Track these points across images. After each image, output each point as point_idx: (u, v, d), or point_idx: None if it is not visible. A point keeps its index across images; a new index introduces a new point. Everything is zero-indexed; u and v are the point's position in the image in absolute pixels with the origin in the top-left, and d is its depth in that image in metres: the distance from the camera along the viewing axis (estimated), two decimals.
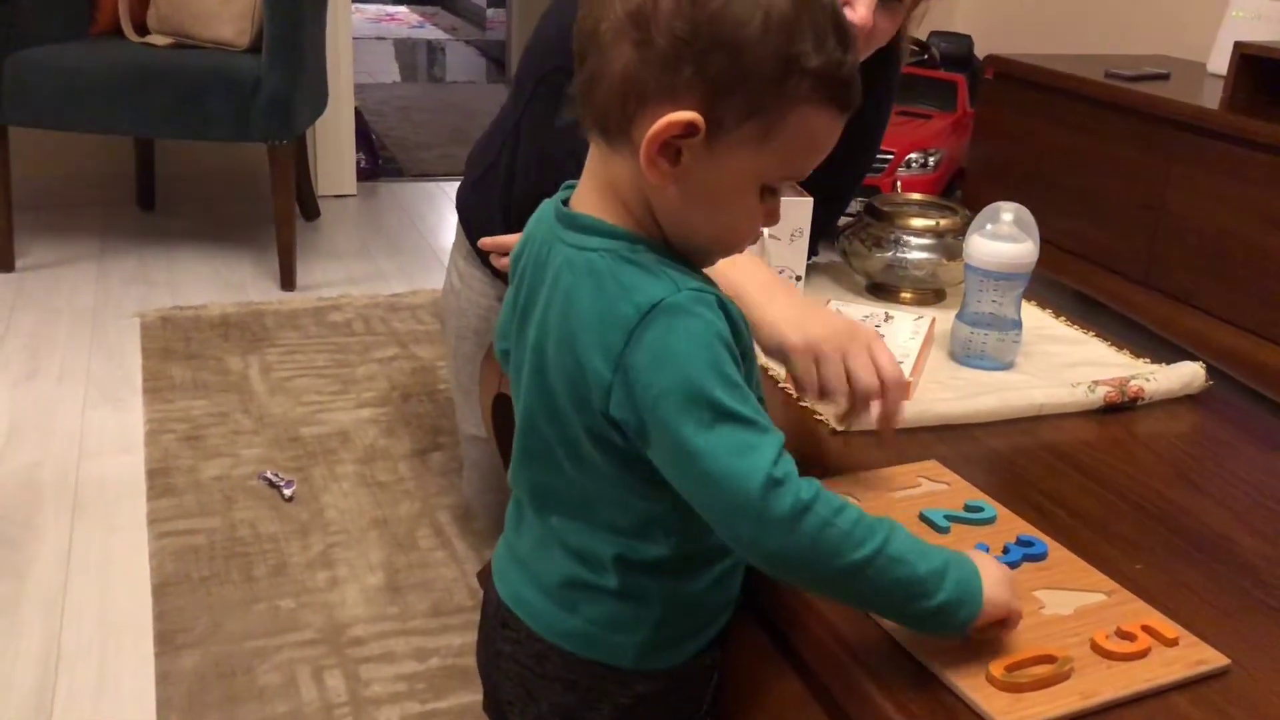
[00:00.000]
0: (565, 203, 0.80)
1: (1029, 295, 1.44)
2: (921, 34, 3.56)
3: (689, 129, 0.71)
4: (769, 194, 0.76)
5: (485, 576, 1.54)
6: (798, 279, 1.30)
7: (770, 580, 0.89)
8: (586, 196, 0.79)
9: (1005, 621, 0.78)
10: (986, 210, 1.24)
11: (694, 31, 0.69)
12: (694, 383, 0.71)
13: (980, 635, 0.78)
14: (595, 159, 0.78)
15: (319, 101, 3.01)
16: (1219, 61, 2.65)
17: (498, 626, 0.91)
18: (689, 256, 0.78)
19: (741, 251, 0.81)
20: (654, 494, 0.78)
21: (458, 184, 1.63)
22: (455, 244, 1.66)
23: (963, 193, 3.12)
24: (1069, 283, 2.79)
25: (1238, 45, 2.47)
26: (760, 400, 0.78)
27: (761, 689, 0.91)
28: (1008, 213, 1.22)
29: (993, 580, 0.77)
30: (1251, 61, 2.45)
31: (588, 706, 0.87)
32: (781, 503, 0.70)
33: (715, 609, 0.88)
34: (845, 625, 0.82)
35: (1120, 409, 1.19)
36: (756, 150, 0.72)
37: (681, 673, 0.88)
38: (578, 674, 0.86)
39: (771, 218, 0.78)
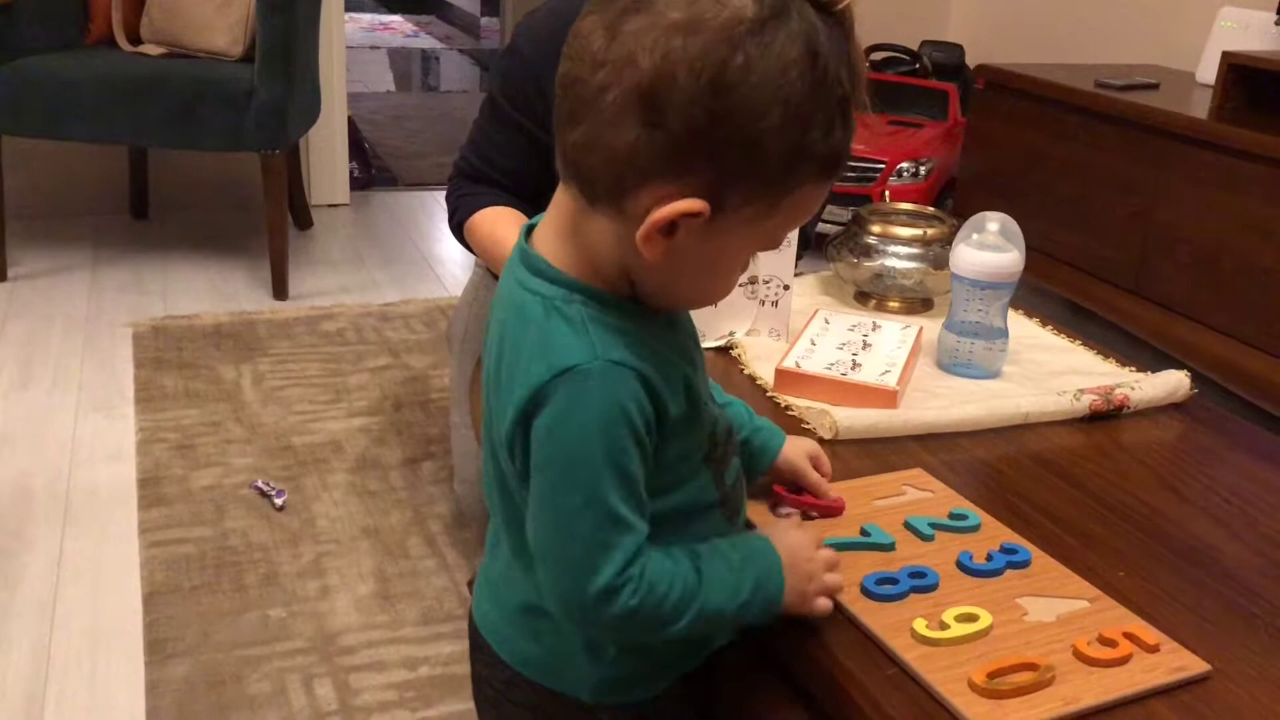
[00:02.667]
0: (530, 232, 0.80)
1: (1017, 304, 1.45)
2: (913, 43, 3.58)
3: (693, 217, 0.69)
4: (752, 254, 0.78)
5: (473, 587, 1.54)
6: (785, 288, 1.30)
7: None
8: (545, 235, 0.77)
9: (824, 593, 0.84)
10: (972, 220, 1.25)
11: (712, 122, 0.67)
12: (578, 464, 0.71)
13: (815, 610, 0.84)
14: (566, 206, 0.75)
15: (312, 111, 3.02)
16: (1208, 71, 2.66)
17: (474, 649, 0.91)
18: (653, 303, 0.77)
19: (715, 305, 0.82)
20: None
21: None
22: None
23: (954, 202, 3.13)
24: (1060, 291, 2.80)
25: (1226, 55, 2.49)
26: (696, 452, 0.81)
27: (744, 690, 0.91)
28: (993, 222, 1.23)
29: (789, 553, 0.82)
30: (1240, 71, 2.46)
31: None
32: (610, 609, 0.73)
33: (674, 652, 0.85)
34: (830, 631, 0.83)
35: (1106, 417, 1.20)
36: (754, 228, 0.72)
37: (648, 708, 0.86)
38: (543, 702, 0.85)
39: (745, 268, 0.78)
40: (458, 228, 1.50)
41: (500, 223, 1.43)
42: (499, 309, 0.79)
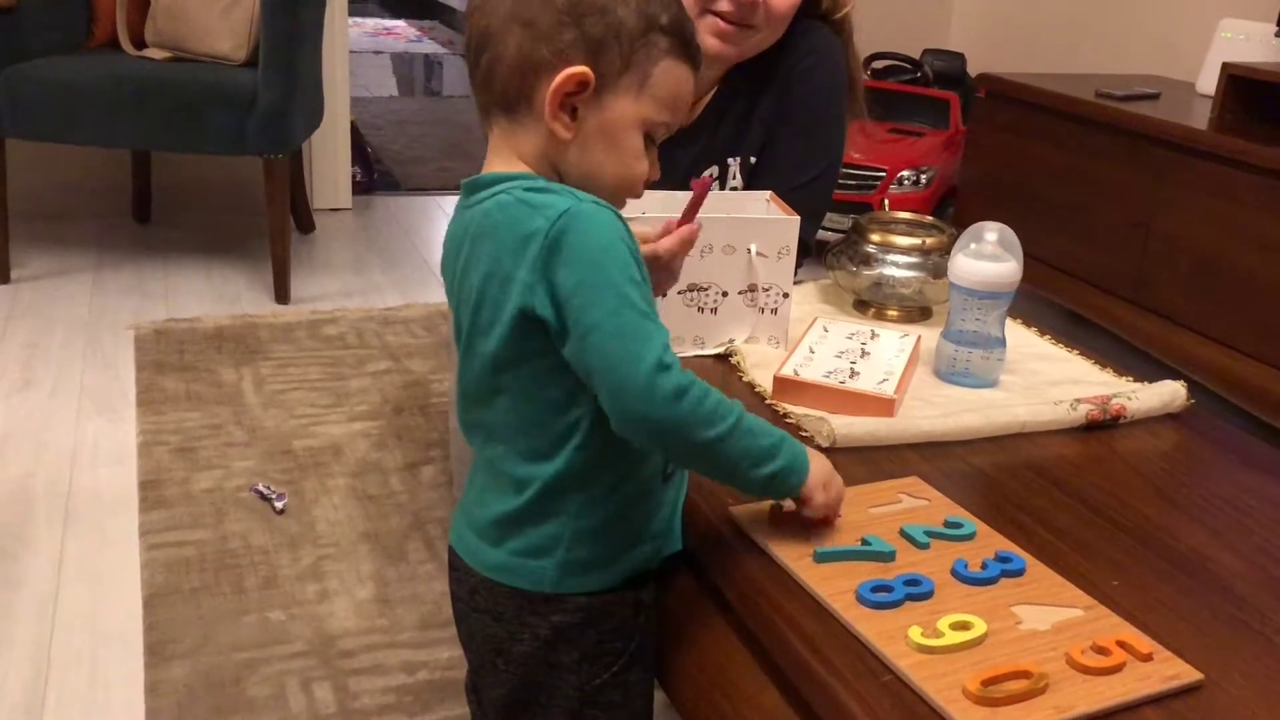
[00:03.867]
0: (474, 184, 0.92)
1: (1015, 313, 1.46)
2: (914, 52, 3.59)
3: (581, 84, 0.86)
4: (650, 143, 0.92)
5: None
6: (785, 296, 1.31)
7: (744, 594, 0.90)
8: (495, 163, 0.92)
9: (827, 508, 0.93)
10: (970, 230, 1.25)
11: (572, 3, 0.86)
12: (604, 273, 0.83)
13: (810, 513, 0.93)
14: (498, 137, 0.92)
15: (315, 115, 3.03)
16: (1208, 82, 2.67)
17: (450, 570, 1.01)
18: (596, 194, 0.90)
19: (639, 195, 0.94)
20: (570, 407, 0.88)
21: (455, 199, 1.66)
22: None
23: (955, 210, 3.13)
24: (1059, 300, 2.80)
25: (1226, 66, 2.49)
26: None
27: (738, 696, 0.92)
28: (991, 232, 1.23)
29: (818, 462, 0.93)
30: (1239, 82, 2.47)
31: (512, 638, 0.94)
32: (667, 382, 0.82)
33: (626, 537, 0.94)
34: (825, 641, 0.83)
35: (1102, 427, 1.20)
36: (636, 98, 0.89)
37: (599, 604, 0.94)
38: (502, 605, 0.94)
39: (655, 170, 0.93)
40: None
41: None
42: (460, 232, 0.92)
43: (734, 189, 1.61)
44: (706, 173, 1.59)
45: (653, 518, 0.97)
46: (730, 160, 1.61)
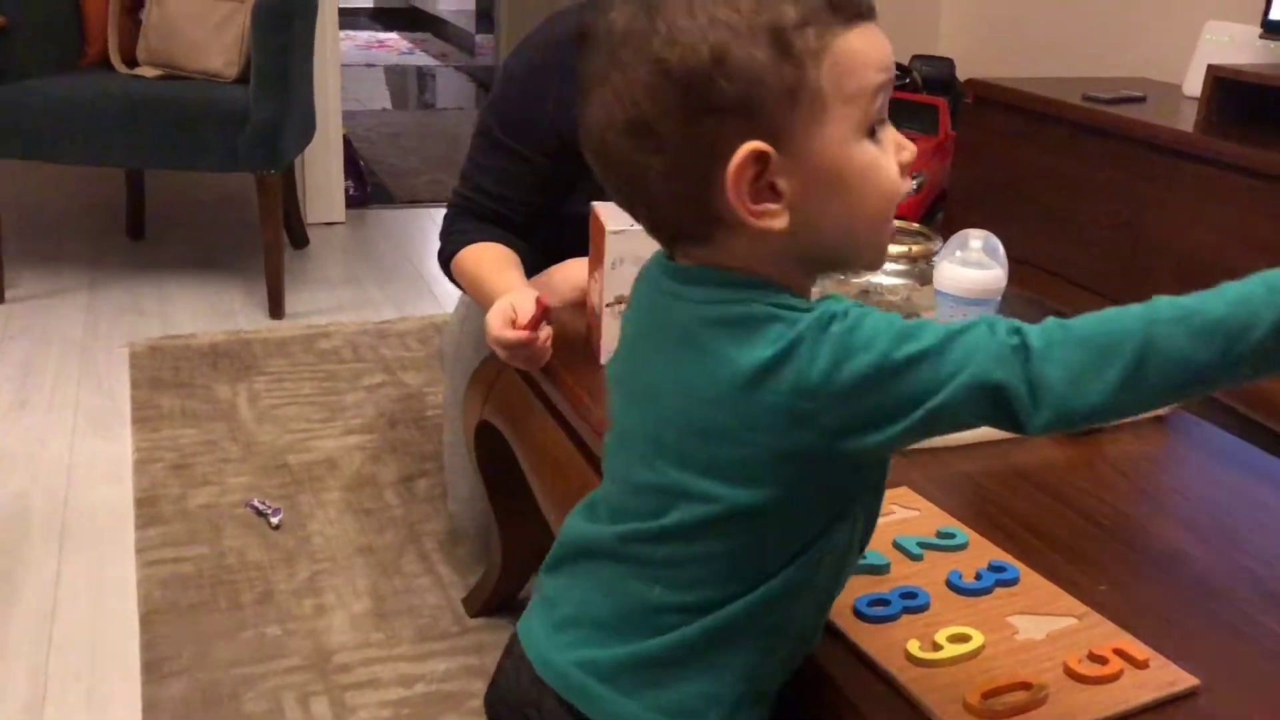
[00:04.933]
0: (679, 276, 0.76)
1: (1006, 317, 1.47)
2: (903, 58, 3.61)
3: (759, 161, 0.67)
4: (880, 129, 0.71)
5: (473, 604, 1.55)
6: None
7: None
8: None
9: None
10: (955, 237, 1.26)
11: (684, 94, 0.66)
12: (877, 333, 0.67)
13: None
14: (700, 258, 0.74)
15: (307, 130, 3.04)
16: (1194, 84, 2.68)
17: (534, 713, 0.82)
18: (864, 262, 0.75)
19: (905, 195, 0.74)
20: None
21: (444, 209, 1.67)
22: None
23: (945, 215, 3.15)
24: (1049, 303, 2.81)
25: (1211, 68, 2.51)
26: None
27: None
28: (976, 239, 1.25)
29: None
30: (1225, 84, 2.49)
31: None
32: (1025, 337, 0.68)
33: (788, 664, 0.82)
34: (822, 654, 0.84)
35: (1089, 431, 1.21)
36: (824, 119, 0.68)
37: None
38: None
39: (903, 151, 0.72)
40: (445, 263, 1.52)
41: (485, 262, 1.45)
42: (657, 337, 0.76)
43: None
44: None
45: (818, 638, 0.83)
46: None
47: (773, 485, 0.71)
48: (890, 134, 0.72)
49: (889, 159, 0.71)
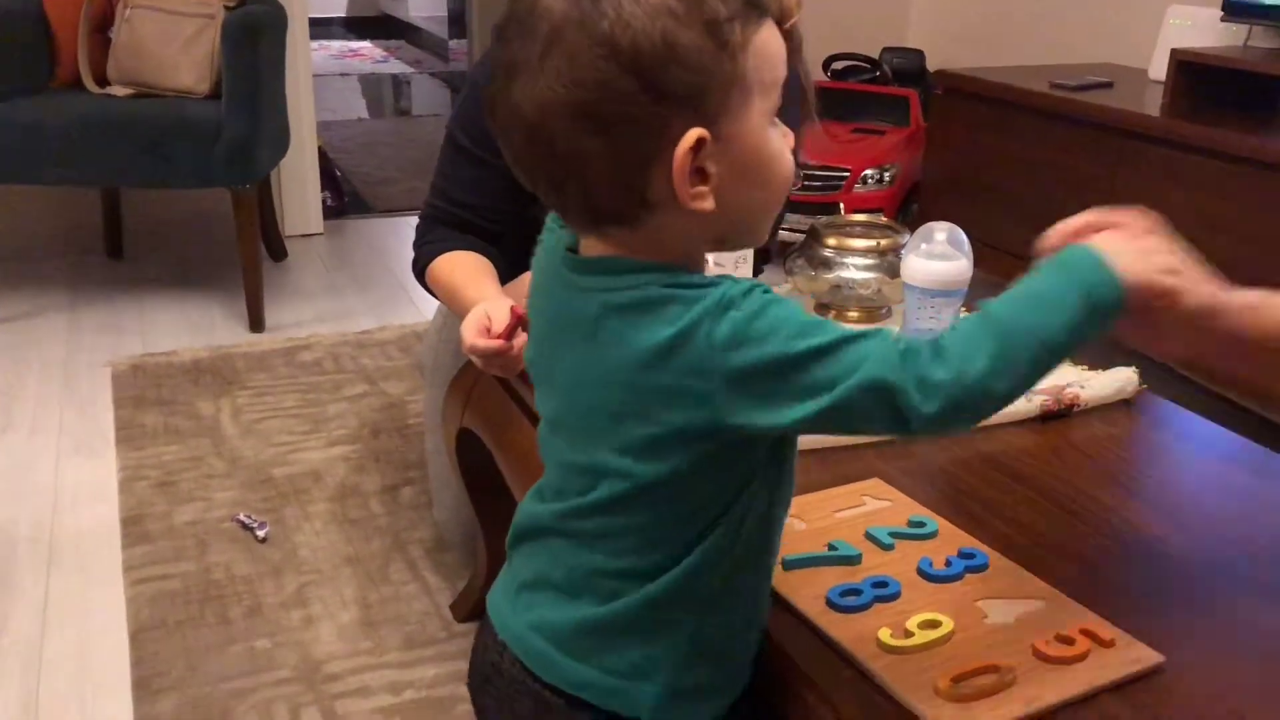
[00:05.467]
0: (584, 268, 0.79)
1: (973, 306, 1.48)
2: (873, 51, 3.63)
3: (700, 144, 0.70)
4: (774, 124, 0.76)
5: (460, 609, 1.56)
6: None
7: None
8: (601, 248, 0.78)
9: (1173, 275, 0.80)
10: (920, 231, 1.28)
11: (636, 78, 0.69)
12: (782, 321, 0.70)
13: (1160, 301, 0.80)
14: (614, 241, 0.76)
15: (281, 143, 3.05)
16: (1159, 68, 2.72)
17: (482, 680, 0.88)
18: (753, 240, 0.80)
19: (789, 193, 0.79)
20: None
21: None
22: None
23: (918, 206, 3.17)
24: None
25: (1175, 52, 2.54)
26: None
27: None
28: (940, 232, 1.26)
29: (1120, 249, 0.78)
30: (1188, 67, 2.52)
31: None
32: (920, 354, 0.71)
33: (744, 647, 0.85)
34: (794, 645, 0.85)
35: (1057, 416, 1.23)
36: (747, 107, 0.73)
37: None
38: None
39: (788, 138, 0.77)
40: (419, 273, 1.53)
41: (458, 271, 1.45)
42: (564, 329, 0.79)
43: None
44: None
45: (764, 608, 0.87)
46: None
47: (677, 460, 0.74)
48: (780, 125, 0.77)
49: (785, 150, 0.77)
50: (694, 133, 0.70)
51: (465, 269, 1.45)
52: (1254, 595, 0.93)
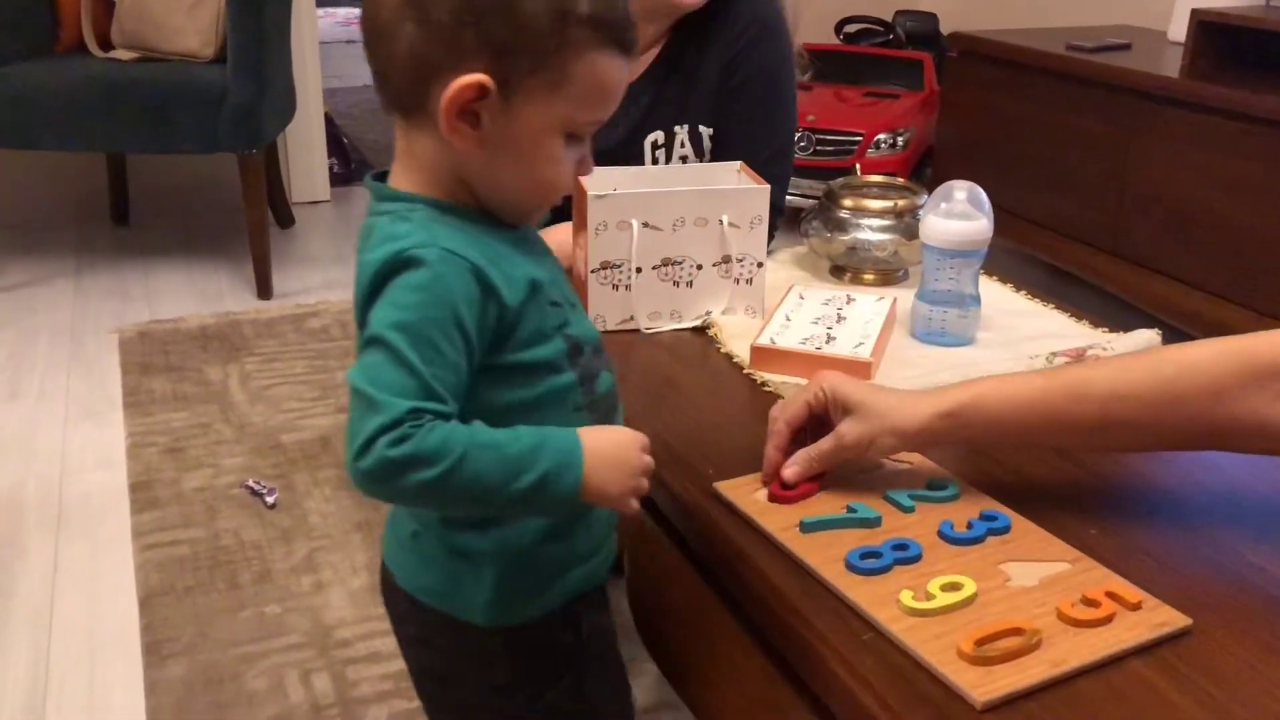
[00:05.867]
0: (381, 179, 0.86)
1: (994, 269, 1.46)
2: (886, 14, 3.58)
3: (481, 91, 0.76)
4: (575, 142, 0.82)
5: None
6: (759, 265, 1.31)
7: (733, 568, 0.91)
8: (393, 171, 0.85)
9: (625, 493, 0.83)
10: (940, 190, 1.25)
11: (470, 4, 0.74)
12: (399, 328, 0.75)
13: (611, 506, 0.85)
14: (400, 138, 0.83)
15: (287, 108, 3.02)
16: (1178, 29, 2.67)
17: (384, 589, 0.96)
18: (511, 216, 0.84)
19: (558, 202, 0.85)
20: None
21: None
22: None
23: (932, 170, 3.14)
24: (1038, 254, 2.81)
25: (1195, 13, 2.49)
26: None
27: (727, 661, 0.93)
28: (960, 191, 1.24)
29: (598, 440, 0.82)
30: (1209, 28, 2.47)
31: (447, 664, 0.92)
32: (378, 452, 0.74)
33: (555, 564, 0.90)
34: (813, 608, 0.84)
35: None
36: (549, 101, 0.78)
37: (534, 633, 0.90)
38: (430, 630, 0.90)
39: (584, 167, 0.83)
40: None
41: None
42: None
43: (682, 158, 1.61)
44: (649, 139, 1.60)
45: (580, 539, 0.92)
46: (676, 128, 1.60)
47: None
48: (583, 150, 0.83)
49: (568, 164, 0.82)
50: (477, 77, 0.75)
51: None
52: (1278, 556, 0.91)
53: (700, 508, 0.97)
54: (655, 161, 1.60)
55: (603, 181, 1.28)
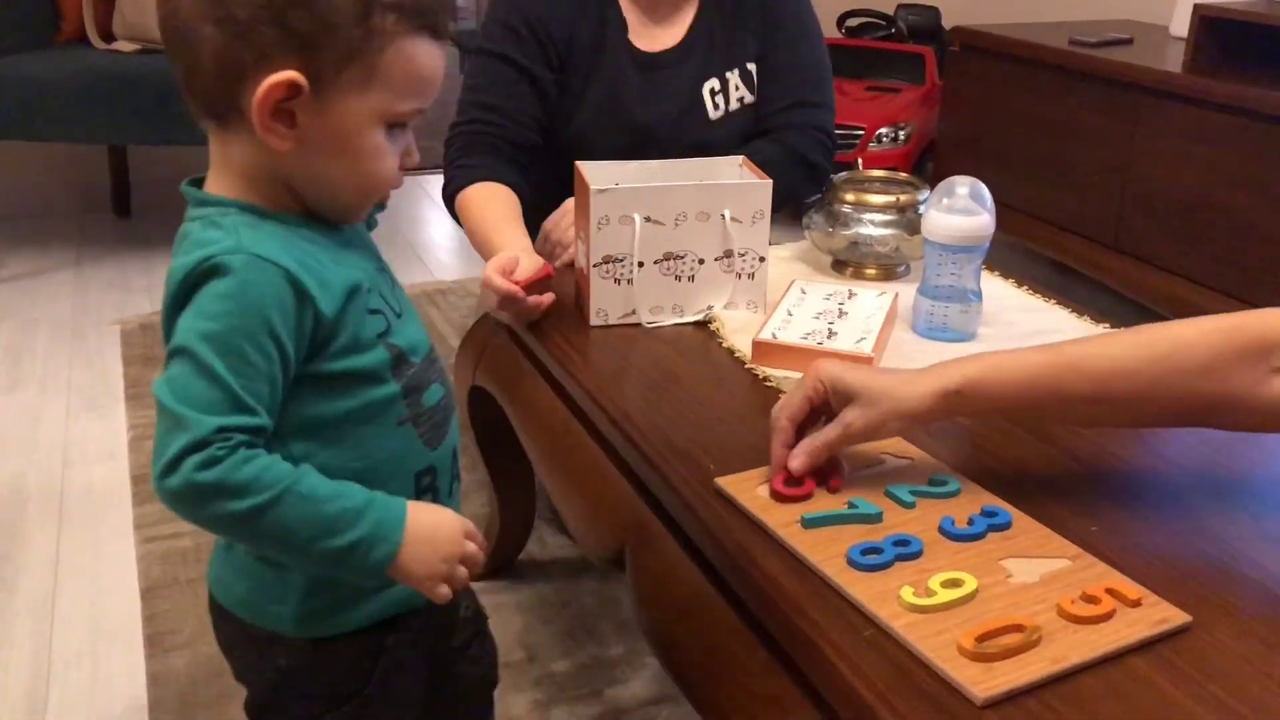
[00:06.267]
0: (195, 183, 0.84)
1: (996, 265, 1.46)
2: (888, 7, 3.57)
3: (292, 89, 0.74)
4: (398, 131, 0.80)
5: None
6: (761, 260, 1.31)
7: (734, 563, 0.91)
8: (211, 180, 0.82)
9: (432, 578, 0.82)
10: (941, 185, 1.25)
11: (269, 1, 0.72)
12: (205, 338, 0.74)
13: (422, 590, 0.83)
14: (214, 144, 0.81)
15: None
16: (1180, 25, 2.67)
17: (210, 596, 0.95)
18: (338, 215, 0.83)
19: (386, 195, 0.84)
20: None
21: (436, 177, 1.68)
22: None
23: (934, 165, 3.13)
24: (1041, 249, 2.81)
25: (1197, 8, 2.49)
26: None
27: (728, 656, 0.93)
28: (962, 186, 1.24)
29: (425, 519, 0.81)
30: (1211, 23, 2.47)
31: (245, 670, 0.92)
32: (181, 474, 0.74)
33: (360, 588, 0.88)
34: (814, 604, 0.84)
35: None
36: (364, 92, 0.76)
37: (328, 650, 0.89)
38: (233, 638, 0.91)
39: (409, 156, 0.82)
40: (450, 198, 1.52)
41: (490, 209, 1.45)
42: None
43: (740, 100, 1.65)
44: (706, 86, 1.63)
45: None
46: (729, 73, 1.64)
47: None
48: (406, 140, 0.81)
49: (392, 156, 0.81)
50: (287, 74, 0.73)
51: (497, 209, 1.44)
52: (1279, 553, 0.91)
53: (701, 502, 0.97)
54: (716, 107, 1.64)
55: (605, 176, 1.28)
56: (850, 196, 1.46)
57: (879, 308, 1.30)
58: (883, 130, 3.09)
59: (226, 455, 0.73)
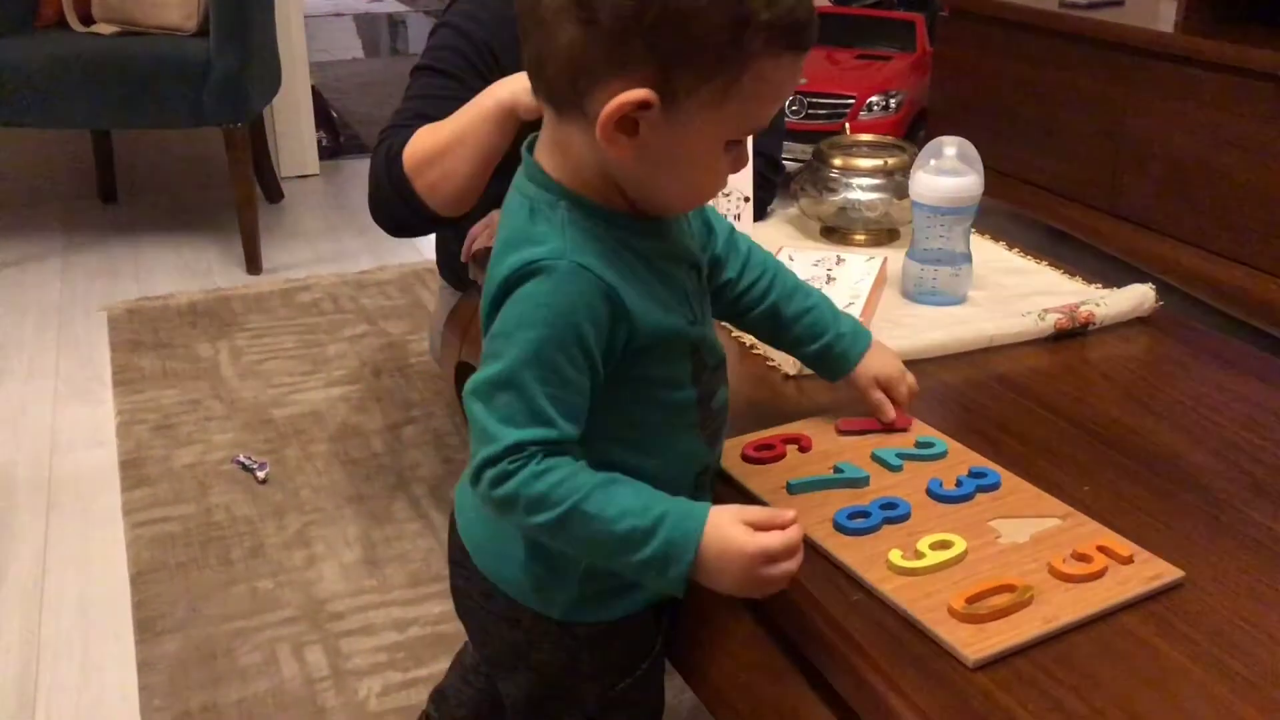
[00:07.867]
0: (533, 146, 0.82)
1: (988, 228, 1.45)
2: None
3: (644, 105, 0.71)
4: (734, 145, 0.76)
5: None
6: (745, 200, 1.30)
7: None
8: (542, 146, 0.80)
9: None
10: (929, 146, 1.24)
11: (640, 7, 0.68)
12: (514, 345, 0.74)
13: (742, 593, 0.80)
14: (549, 124, 0.78)
15: (273, 81, 2.98)
16: None
17: (453, 563, 0.96)
18: (658, 212, 0.80)
19: (706, 203, 0.83)
20: None
21: None
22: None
23: (925, 132, 3.11)
24: (1035, 214, 2.79)
25: None
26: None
27: (716, 625, 0.92)
28: (950, 147, 1.22)
29: (720, 536, 0.76)
30: None
31: (531, 645, 0.90)
32: (490, 486, 0.76)
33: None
34: (802, 569, 0.82)
35: (1072, 335, 1.19)
36: (716, 112, 0.72)
37: (621, 625, 0.89)
38: (522, 616, 0.89)
39: (739, 163, 0.78)
40: (395, 166, 1.38)
41: (440, 127, 1.32)
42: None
43: None
44: None
45: None
46: None
47: None
48: (742, 147, 0.77)
49: (723, 171, 0.78)
50: (643, 93, 0.70)
51: (448, 124, 1.31)
52: (1272, 508, 0.90)
53: None
54: None
55: None
56: (838, 161, 1.44)
57: (867, 272, 1.28)
58: (873, 99, 3.06)
59: (518, 469, 0.74)
